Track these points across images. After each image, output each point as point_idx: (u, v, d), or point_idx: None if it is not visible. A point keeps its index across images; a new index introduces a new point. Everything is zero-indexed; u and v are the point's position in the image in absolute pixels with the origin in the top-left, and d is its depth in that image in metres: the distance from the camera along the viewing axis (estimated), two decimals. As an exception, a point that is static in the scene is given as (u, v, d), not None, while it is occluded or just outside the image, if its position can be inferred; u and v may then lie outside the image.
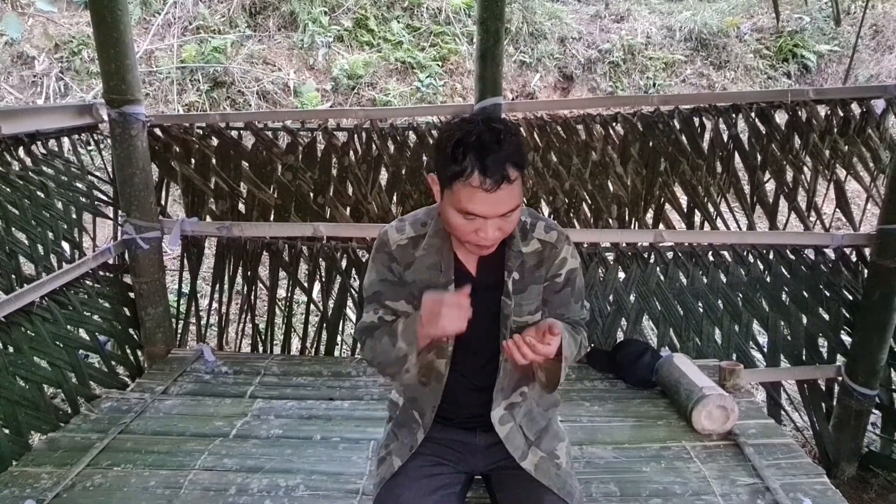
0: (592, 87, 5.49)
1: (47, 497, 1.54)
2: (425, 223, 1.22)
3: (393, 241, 1.21)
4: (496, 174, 1.00)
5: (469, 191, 1.02)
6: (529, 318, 1.22)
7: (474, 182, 1.01)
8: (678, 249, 2.41)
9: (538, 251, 1.21)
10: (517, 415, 1.27)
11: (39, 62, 4.63)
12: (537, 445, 1.27)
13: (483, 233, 1.06)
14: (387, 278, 1.23)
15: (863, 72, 5.63)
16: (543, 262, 1.21)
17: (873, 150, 2.26)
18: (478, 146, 1.01)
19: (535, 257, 1.21)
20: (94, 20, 2.06)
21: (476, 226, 1.06)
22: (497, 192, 1.01)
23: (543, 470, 1.24)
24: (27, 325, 1.91)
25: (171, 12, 5.05)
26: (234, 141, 2.43)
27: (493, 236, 1.07)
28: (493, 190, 1.01)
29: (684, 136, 2.33)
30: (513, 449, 1.24)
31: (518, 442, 1.25)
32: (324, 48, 5.15)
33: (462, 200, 1.03)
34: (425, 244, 1.20)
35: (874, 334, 2.28)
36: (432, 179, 1.12)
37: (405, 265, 1.21)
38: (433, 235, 1.19)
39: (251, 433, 1.87)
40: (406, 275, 1.21)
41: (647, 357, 2.16)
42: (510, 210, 1.05)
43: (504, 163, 1.01)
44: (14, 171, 1.98)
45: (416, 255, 1.20)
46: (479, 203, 1.02)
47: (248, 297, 2.56)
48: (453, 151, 1.02)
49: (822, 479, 1.63)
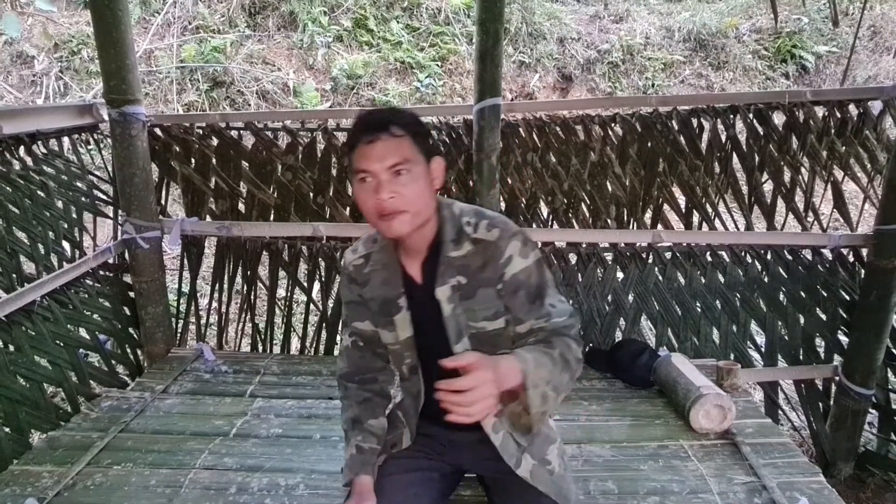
0: (591, 87, 5.50)
1: (48, 495, 1.55)
2: (375, 240, 1.24)
3: (349, 262, 1.26)
4: (371, 127, 1.07)
5: (356, 151, 1.09)
6: (487, 325, 1.17)
7: (358, 140, 1.08)
8: (676, 250, 2.42)
9: (474, 252, 1.15)
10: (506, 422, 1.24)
11: (39, 61, 4.64)
12: (529, 451, 1.25)
13: (377, 192, 1.07)
14: (351, 300, 1.28)
15: (860, 73, 5.64)
16: (488, 263, 1.15)
17: (870, 151, 2.27)
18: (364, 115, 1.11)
19: (477, 258, 1.15)
20: (95, 20, 2.07)
21: (372, 188, 1.08)
22: (377, 143, 1.06)
23: (538, 476, 1.23)
24: (28, 324, 1.92)
25: (170, 12, 5.05)
26: (234, 141, 2.44)
27: (387, 197, 1.06)
28: (374, 141, 1.06)
29: (682, 137, 2.34)
30: (507, 457, 1.22)
31: (511, 449, 1.23)
32: (323, 48, 5.16)
33: (354, 162, 1.09)
34: (373, 260, 1.23)
35: (871, 334, 2.29)
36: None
37: (362, 283, 1.25)
38: (379, 251, 1.22)
39: (251, 432, 1.88)
40: (364, 293, 1.25)
41: (646, 357, 2.17)
42: (397, 163, 1.07)
43: (385, 119, 1.08)
44: (15, 171, 1.98)
45: (370, 273, 1.23)
46: (363, 157, 1.07)
47: (247, 296, 2.56)
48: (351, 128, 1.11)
49: (819, 479, 1.64)
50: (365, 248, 1.25)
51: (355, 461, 1.25)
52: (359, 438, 1.26)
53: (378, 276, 1.23)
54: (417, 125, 1.12)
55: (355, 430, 1.28)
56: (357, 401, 1.31)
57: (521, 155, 2.38)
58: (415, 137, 1.10)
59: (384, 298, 1.22)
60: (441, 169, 1.17)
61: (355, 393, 1.32)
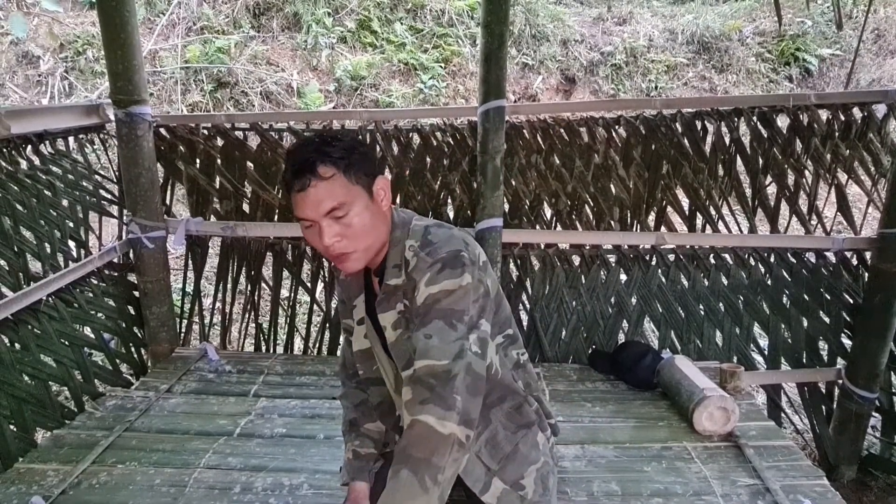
0: (595, 89, 5.50)
1: (53, 494, 1.55)
2: None
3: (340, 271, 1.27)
4: (304, 173, 1.00)
5: (293, 199, 1.04)
6: None
7: (292, 187, 1.03)
8: (680, 252, 2.43)
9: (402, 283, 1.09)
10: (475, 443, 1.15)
11: (44, 61, 4.66)
12: (500, 475, 1.17)
13: (320, 238, 1.03)
14: (341, 298, 1.32)
15: (864, 76, 5.64)
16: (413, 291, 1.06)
17: (874, 155, 2.27)
18: (292, 153, 1.04)
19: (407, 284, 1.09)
20: (102, 21, 2.08)
21: (317, 232, 1.04)
22: (309, 191, 1.00)
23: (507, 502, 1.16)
24: (34, 322, 1.93)
25: (175, 13, 5.07)
26: (240, 141, 2.45)
27: (330, 242, 1.02)
28: (304, 189, 1.01)
29: (686, 140, 2.35)
30: (471, 482, 1.14)
31: (477, 473, 1.14)
32: (327, 49, 5.17)
33: (294, 209, 1.05)
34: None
35: (874, 338, 2.29)
36: None
37: (344, 289, 1.28)
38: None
39: (255, 432, 1.88)
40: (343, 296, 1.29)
41: (649, 359, 2.17)
42: (333, 208, 1.00)
43: (313, 161, 1.01)
44: (22, 171, 1.99)
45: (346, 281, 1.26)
46: (299, 206, 1.03)
47: (251, 296, 2.57)
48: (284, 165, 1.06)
49: (822, 482, 1.64)
50: None
51: (352, 466, 1.25)
52: (356, 443, 1.26)
53: (348, 282, 1.25)
54: (348, 155, 1.02)
55: (352, 433, 1.28)
56: (354, 403, 1.31)
57: (526, 157, 2.39)
58: (347, 172, 1.02)
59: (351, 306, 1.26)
60: (386, 186, 1.10)
61: (352, 393, 1.32)
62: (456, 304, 1.01)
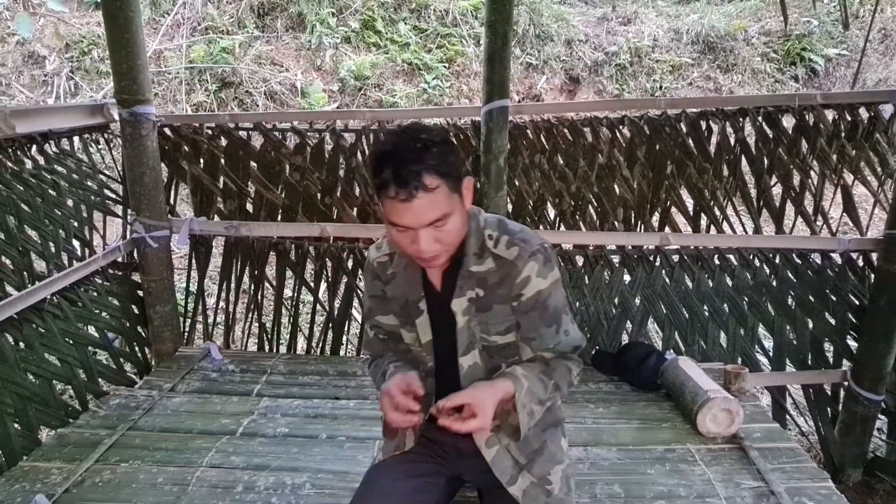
0: (599, 89, 5.49)
1: (57, 492, 1.56)
2: None
3: (373, 259, 1.25)
4: (409, 183, 0.98)
5: (391, 204, 1.01)
6: (499, 339, 1.18)
7: (391, 193, 0.99)
8: (684, 252, 2.42)
9: (494, 270, 1.13)
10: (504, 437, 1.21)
11: (50, 61, 4.68)
12: (528, 469, 1.22)
13: (417, 245, 1.03)
14: (375, 294, 1.27)
15: (871, 76, 5.60)
16: (504, 280, 1.13)
17: (881, 155, 2.26)
18: (392, 156, 1.00)
19: (495, 275, 1.14)
20: (107, 21, 2.09)
21: (410, 237, 1.03)
22: (414, 202, 0.99)
23: (531, 496, 1.19)
24: (38, 321, 1.93)
25: (180, 13, 5.09)
26: (243, 141, 2.45)
27: (428, 248, 1.03)
28: (409, 200, 0.98)
29: (691, 140, 2.34)
30: (499, 473, 1.20)
31: (506, 465, 1.20)
32: (331, 49, 5.17)
33: (388, 213, 1.03)
34: (396, 261, 1.22)
35: (880, 339, 2.28)
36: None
37: (385, 281, 1.24)
38: (401, 254, 1.19)
39: (258, 431, 1.88)
40: (387, 290, 1.24)
41: (653, 360, 2.16)
42: (436, 219, 1.02)
43: (419, 171, 0.98)
44: (27, 170, 2.00)
45: (392, 272, 1.23)
46: (401, 215, 1.01)
47: (254, 296, 2.58)
48: (374, 165, 1.02)
49: (827, 484, 1.63)
50: (389, 248, 1.24)
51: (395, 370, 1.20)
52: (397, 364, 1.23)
53: (401, 277, 1.22)
54: (447, 160, 1.02)
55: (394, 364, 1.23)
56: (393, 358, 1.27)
57: (529, 157, 2.38)
58: (448, 181, 1.02)
59: (405, 300, 1.22)
60: (470, 186, 1.11)
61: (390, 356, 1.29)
62: (561, 295, 1.19)
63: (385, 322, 1.28)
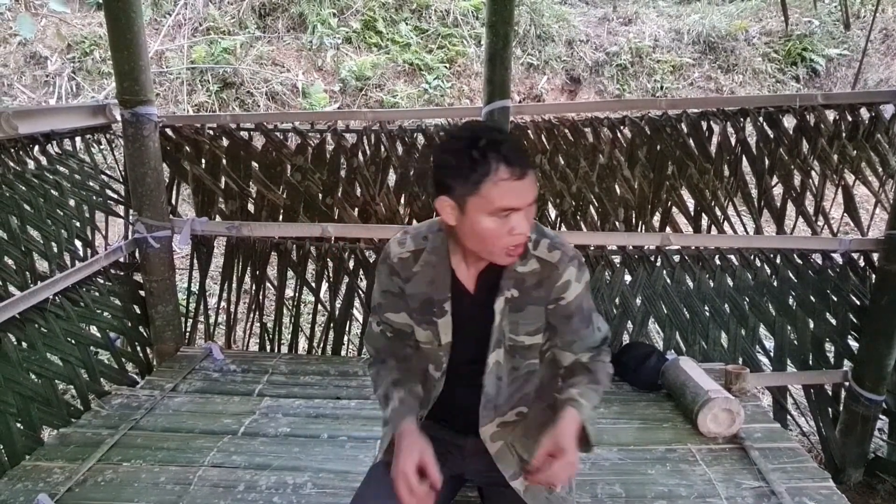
0: (600, 89, 5.49)
1: (59, 491, 1.56)
2: (426, 237, 1.21)
3: (394, 254, 1.22)
4: (520, 160, 1.04)
5: (501, 186, 1.02)
6: (527, 339, 1.20)
7: (503, 175, 1.02)
8: (685, 253, 2.42)
9: (536, 271, 1.16)
10: (509, 434, 1.24)
11: (52, 62, 4.69)
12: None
13: (518, 228, 1.05)
14: (389, 290, 1.24)
15: (872, 76, 5.60)
16: (543, 282, 1.16)
17: (882, 155, 2.26)
18: (492, 143, 1.03)
19: (534, 277, 1.16)
20: (109, 22, 2.10)
21: (510, 224, 1.05)
22: (525, 179, 1.04)
23: (533, 493, 1.21)
24: (41, 321, 1.94)
25: (181, 13, 5.10)
26: (245, 142, 2.46)
27: (527, 229, 1.07)
28: (523, 176, 1.03)
29: (692, 140, 2.34)
30: (503, 467, 1.22)
31: (509, 461, 1.23)
32: (332, 49, 5.18)
33: (496, 199, 1.03)
34: (422, 260, 1.19)
35: (881, 340, 2.28)
36: (443, 203, 1.08)
37: (405, 278, 1.21)
38: (430, 252, 1.18)
39: (259, 431, 1.89)
40: (406, 288, 1.21)
41: (653, 360, 2.16)
42: (535, 199, 1.08)
43: (522, 149, 1.05)
44: (30, 171, 2.01)
45: (415, 270, 1.20)
46: (513, 194, 1.03)
47: (256, 296, 2.58)
48: (471, 156, 1.03)
49: (828, 484, 1.64)
50: (414, 244, 1.21)
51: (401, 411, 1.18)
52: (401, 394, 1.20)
53: (425, 275, 1.19)
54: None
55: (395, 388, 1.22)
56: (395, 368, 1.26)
57: (530, 157, 2.38)
58: None
59: (427, 298, 1.20)
60: None
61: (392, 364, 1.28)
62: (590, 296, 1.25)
63: (395, 320, 1.25)
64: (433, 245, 1.19)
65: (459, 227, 1.09)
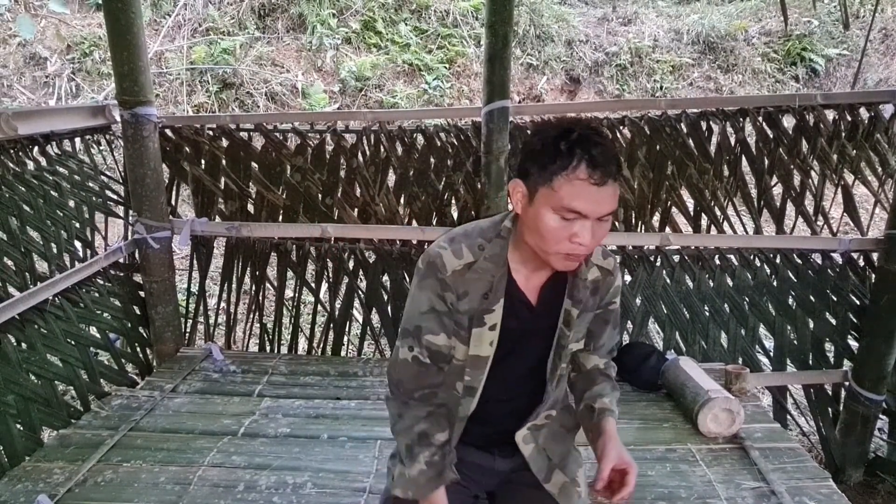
0: (599, 89, 5.49)
1: (59, 492, 1.56)
2: (482, 246, 1.08)
3: (449, 267, 1.06)
4: (605, 166, 0.95)
5: (574, 185, 0.95)
6: (574, 346, 1.18)
7: (581, 174, 0.95)
8: (684, 253, 2.42)
9: (598, 279, 1.14)
10: (539, 437, 1.21)
11: (51, 63, 4.69)
12: (562, 469, 1.22)
13: (580, 237, 0.97)
14: (435, 308, 1.09)
15: (872, 76, 5.60)
16: (599, 289, 1.15)
17: (881, 155, 2.26)
18: (584, 140, 0.96)
19: (593, 284, 1.14)
20: (108, 23, 2.10)
21: (573, 229, 0.97)
22: (604, 188, 0.96)
23: (567, 495, 1.19)
24: (41, 322, 1.94)
25: (181, 14, 5.10)
26: (244, 142, 2.46)
27: (590, 242, 0.99)
28: (602, 184, 0.95)
29: (691, 140, 2.34)
30: (536, 470, 1.19)
31: (541, 464, 1.20)
32: (332, 50, 5.18)
33: (565, 197, 0.96)
34: (478, 267, 1.07)
35: (881, 339, 2.28)
36: (516, 186, 1.03)
37: (460, 294, 1.07)
38: (488, 259, 1.07)
39: (259, 431, 1.89)
40: (459, 304, 1.08)
41: (653, 360, 2.16)
42: (609, 212, 1.00)
43: (611, 157, 0.97)
44: (29, 171, 2.01)
45: (470, 283, 1.07)
46: (584, 198, 0.95)
47: (255, 296, 2.58)
48: (557, 146, 0.96)
49: (829, 484, 1.64)
50: (472, 255, 1.07)
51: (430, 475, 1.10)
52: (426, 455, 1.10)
53: (479, 287, 1.07)
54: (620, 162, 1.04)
55: (422, 445, 1.11)
56: (422, 415, 1.13)
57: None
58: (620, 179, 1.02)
59: (478, 310, 1.08)
60: None
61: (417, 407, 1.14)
62: None
63: (438, 342, 1.10)
64: (491, 252, 1.08)
65: (524, 218, 1.03)
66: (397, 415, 1.15)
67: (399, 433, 1.14)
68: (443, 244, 1.09)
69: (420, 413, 1.13)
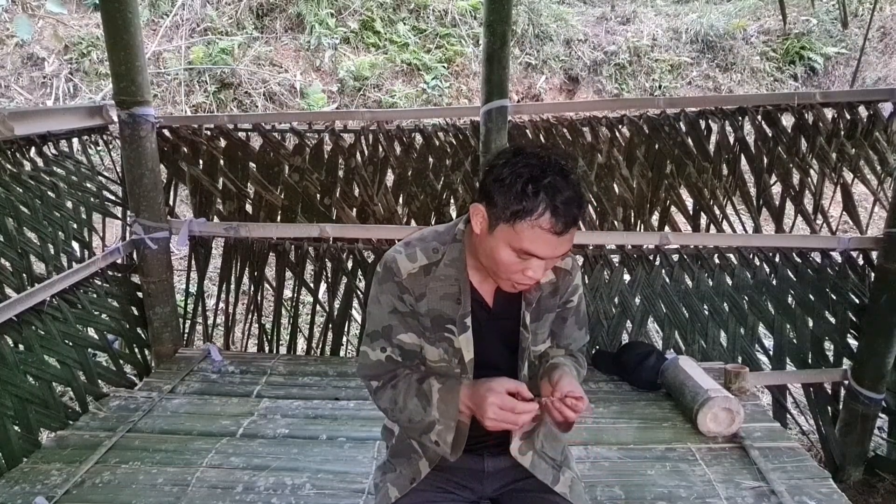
0: (598, 89, 5.49)
1: (57, 494, 1.56)
2: (437, 250, 1.12)
3: (404, 271, 1.10)
4: (568, 217, 0.96)
5: (535, 232, 0.96)
6: (542, 347, 1.19)
7: (544, 224, 0.95)
8: (684, 252, 2.41)
9: (553, 280, 1.16)
10: (536, 441, 1.20)
11: (49, 63, 4.68)
12: (565, 465, 1.23)
13: (533, 273, 1.00)
14: (398, 309, 1.13)
15: (870, 74, 5.61)
16: (558, 289, 1.17)
17: (880, 154, 2.26)
18: (551, 187, 0.96)
19: (550, 286, 1.16)
20: (105, 23, 2.09)
21: (527, 266, 1.00)
22: (563, 236, 0.97)
23: (577, 493, 1.19)
24: (38, 323, 1.93)
25: (179, 14, 5.09)
26: (242, 142, 2.45)
27: (542, 276, 1.03)
28: (562, 234, 0.96)
29: (690, 139, 2.34)
30: (542, 475, 1.18)
31: (544, 467, 1.19)
32: (330, 50, 5.18)
33: (524, 240, 0.97)
34: (439, 273, 1.10)
35: (881, 338, 2.27)
36: (477, 210, 1.02)
37: (418, 296, 1.11)
38: (448, 265, 1.10)
39: (258, 432, 1.88)
40: (418, 306, 1.12)
41: (653, 359, 2.16)
42: (565, 253, 1.02)
43: (576, 205, 0.97)
44: (26, 172, 2.00)
45: (428, 285, 1.11)
46: (543, 245, 0.97)
47: (254, 297, 2.57)
48: (523, 188, 0.95)
49: (828, 483, 1.63)
50: (426, 258, 1.11)
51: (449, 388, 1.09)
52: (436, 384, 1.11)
53: (438, 290, 1.11)
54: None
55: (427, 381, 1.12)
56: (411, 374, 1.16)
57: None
58: None
59: (441, 314, 1.11)
60: None
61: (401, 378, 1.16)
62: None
63: (407, 340, 1.14)
64: (451, 257, 1.11)
65: (480, 240, 1.04)
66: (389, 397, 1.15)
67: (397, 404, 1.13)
68: (398, 248, 1.13)
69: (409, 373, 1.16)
